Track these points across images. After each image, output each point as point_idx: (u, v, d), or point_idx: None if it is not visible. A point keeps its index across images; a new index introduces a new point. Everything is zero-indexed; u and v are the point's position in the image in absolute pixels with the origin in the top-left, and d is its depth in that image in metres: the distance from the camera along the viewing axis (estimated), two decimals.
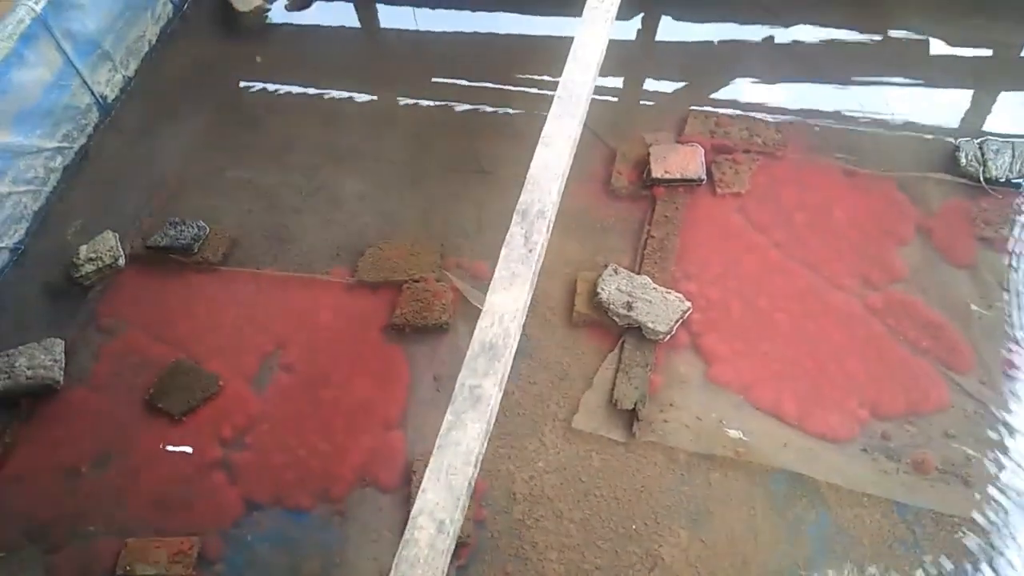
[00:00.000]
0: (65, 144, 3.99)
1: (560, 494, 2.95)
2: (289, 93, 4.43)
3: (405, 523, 2.82)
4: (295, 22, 4.77)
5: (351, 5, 4.88)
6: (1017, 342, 3.15)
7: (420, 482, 2.88)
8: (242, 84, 4.53)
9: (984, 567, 2.71)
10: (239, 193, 3.96)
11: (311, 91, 4.42)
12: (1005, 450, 2.93)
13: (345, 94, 4.40)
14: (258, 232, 3.79)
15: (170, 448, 3.15)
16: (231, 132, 4.26)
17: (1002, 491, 2.85)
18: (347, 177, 3.98)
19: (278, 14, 4.80)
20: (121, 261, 3.66)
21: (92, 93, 4.12)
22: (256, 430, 3.17)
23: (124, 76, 4.36)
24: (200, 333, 3.45)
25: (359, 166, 4.02)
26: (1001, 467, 2.89)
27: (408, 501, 2.93)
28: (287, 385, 3.28)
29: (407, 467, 3.02)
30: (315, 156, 4.08)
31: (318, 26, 4.76)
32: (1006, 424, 2.99)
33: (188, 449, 3.14)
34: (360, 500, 2.99)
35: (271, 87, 4.47)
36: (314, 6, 4.83)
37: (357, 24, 4.83)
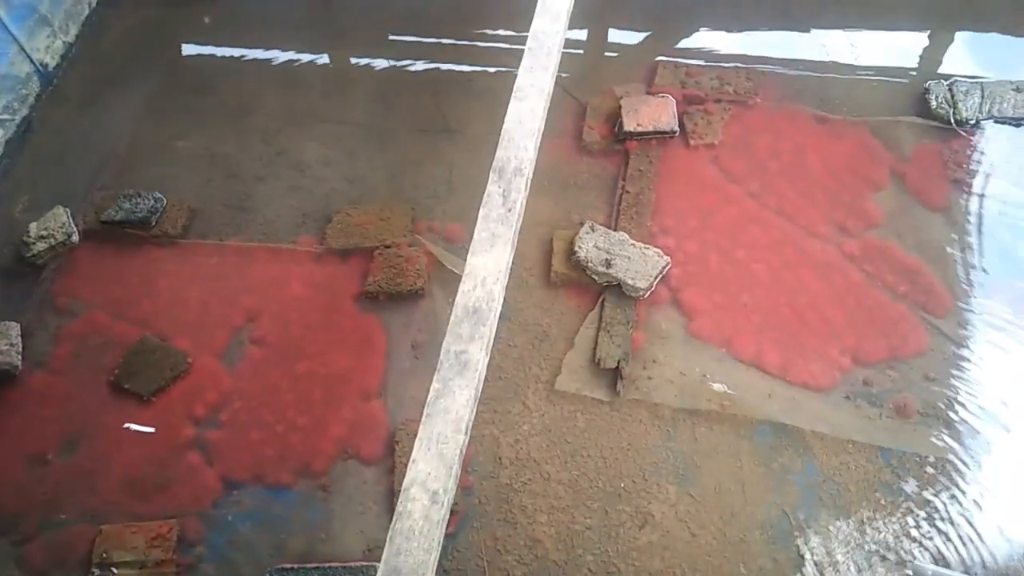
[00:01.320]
0: (6, 116, 3.77)
1: (547, 456, 2.92)
2: (242, 55, 4.24)
3: (390, 494, 2.82)
4: None
5: None
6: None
7: (404, 452, 2.85)
8: (191, 47, 4.32)
9: (965, 507, 2.75)
10: (196, 162, 3.79)
11: (265, 52, 4.23)
12: (984, 390, 2.96)
13: (301, 55, 4.22)
14: (218, 202, 3.63)
15: (140, 430, 3.03)
16: (183, 98, 4.06)
17: (981, 431, 2.88)
18: (309, 141, 3.83)
19: None
20: (75, 237, 3.48)
21: (31, 61, 3.89)
22: (230, 407, 3.07)
23: (64, 42, 4.13)
24: (164, 309, 3.31)
25: (321, 129, 3.88)
26: (980, 407, 2.92)
27: (392, 471, 2.87)
28: (259, 359, 3.17)
29: (389, 437, 2.96)
30: (274, 120, 3.92)
31: None
32: (983, 364, 3.02)
33: (159, 430, 3.02)
34: (343, 473, 2.92)
35: (222, 50, 4.28)
36: None
37: None
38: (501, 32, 4.19)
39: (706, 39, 4.08)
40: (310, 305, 3.28)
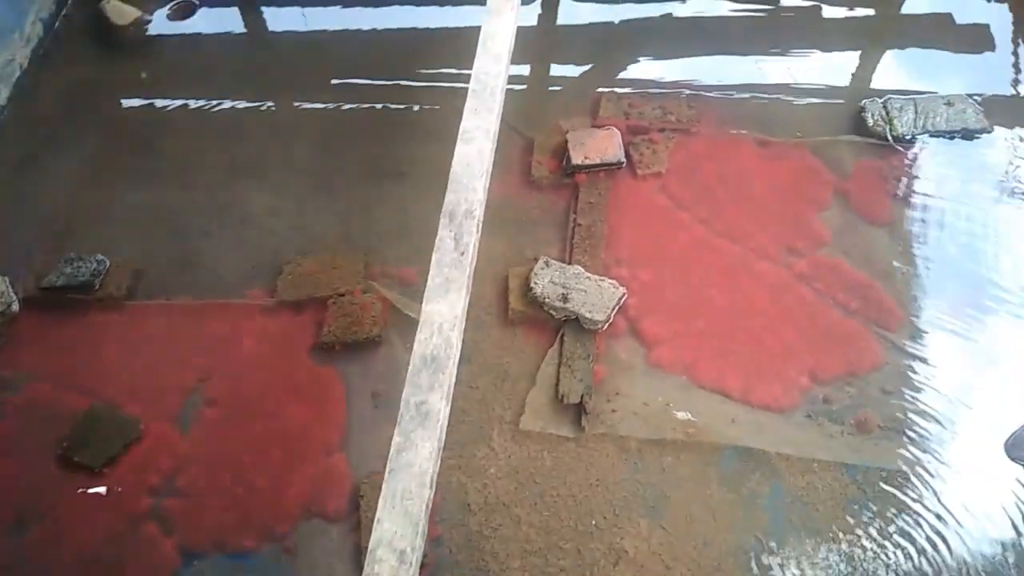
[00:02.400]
0: None
1: (516, 499, 2.87)
2: (181, 108, 4.17)
3: (358, 552, 2.75)
4: (178, 32, 4.50)
5: (236, 11, 4.63)
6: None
7: (369, 506, 2.78)
8: (128, 103, 4.24)
9: (930, 516, 2.77)
10: (139, 220, 3.70)
11: (204, 104, 4.17)
12: (940, 399, 3.01)
13: (242, 104, 4.18)
14: (164, 260, 3.55)
15: (93, 504, 2.91)
16: (122, 155, 3.98)
17: (940, 440, 2.92)
18: (255, 192, 3.77)
19: (159, 25, 4.51)
20: (14, 307, 3.36)
21: None
22: (186, 473, 2.97)
23: None
24: (112, 376, 3.20)
25: (267, 179, 3.82)
26: (938, 416, 2.97)
27: (358, 527, 2.79)
28: (214, 420, 3.08)
29: (354, 491, 2.88)
30: (217, 173, 3.86)
31: (203, 35, 4.49)
32: (938, 374, 3.07)
33: (113, 502, 2.91)
34: (308, 533, 2.83)
35: (160, 103, 4.20)
36: (197, 14, 4.55)
37: (244, 30, 4.59)
38: (445, 71, 4.19)
39: (647, 69, 4.15)
40: (264, 361, 3.21)
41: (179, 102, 4.19)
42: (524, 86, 4.17)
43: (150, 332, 3.32)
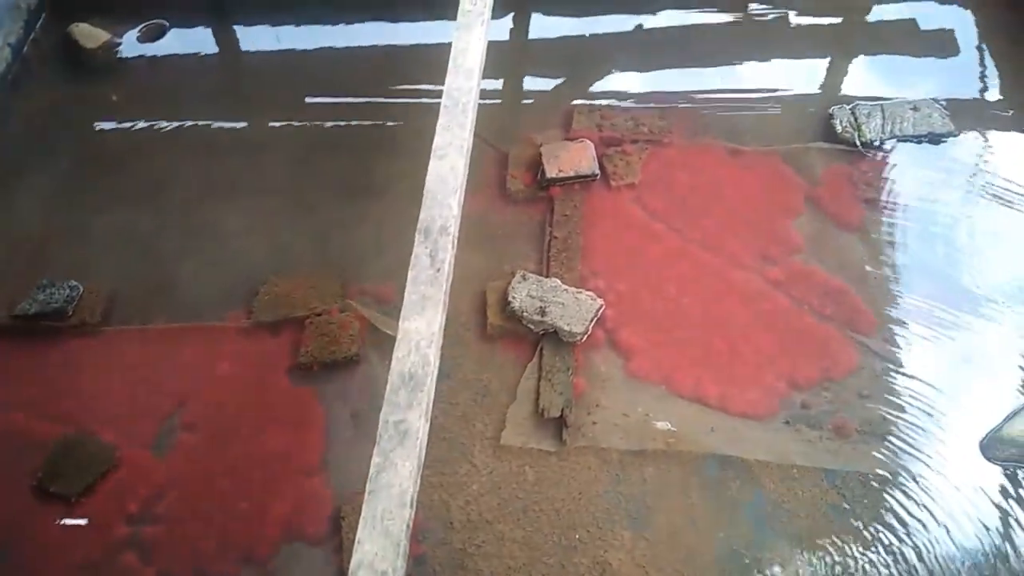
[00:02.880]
0: None
1: (499, 515, 2.86)
2: (154, 130, 4.15)
3: (340, 574, 2.72)
4: (149, 54, 4.47)
5: (208, 31, 4.62)
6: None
7: (351, 527, 2.76)
8: (100, 126, 4.21)
9: (910, 518, 2.80)
10: (112, 244, 3.67)
11: (178, 125, 4.16)
12: (915, 403, 3.04)
13: (215, 124, 4.17)
14: (139, 284, 3.52)
15: (70, 535, 2.87)
16: (95, 179, 3.95)
17: (918, 442, 2.95)
18: (230, 212, 3.75)
19: (129, 47, 4.49)
20: None
21: None
22: (165, 499, 2.93)
23: None
24: (88, 403, 3.17)
25: (241, 199, 3.80)
26: (915, 418, 3.00)
27: (340, 549, 2.77)
28: (192, 445, 3.05)
29: (335, 513, 2.86)
30: (192, 194, 3.83)
31: (175, 56, 4.48)
32: (913, 376, 3.10)
33: (91, 532, 2.87)
34: (289, 557, 2.80)
35: (133, 125, 4.18)
36: (168, 35, 4.53)
37: (217, 50, 4.58)
38: (418, 87, 4.20)
39: (618, 81, 4.18)
40: (242, 383, 3.18)
41: (152, 123, 4.17)
42: (497, 101, 4.19)
43: (125, 358, 3.29)
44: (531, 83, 4.32)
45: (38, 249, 3.67)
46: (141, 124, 4.18)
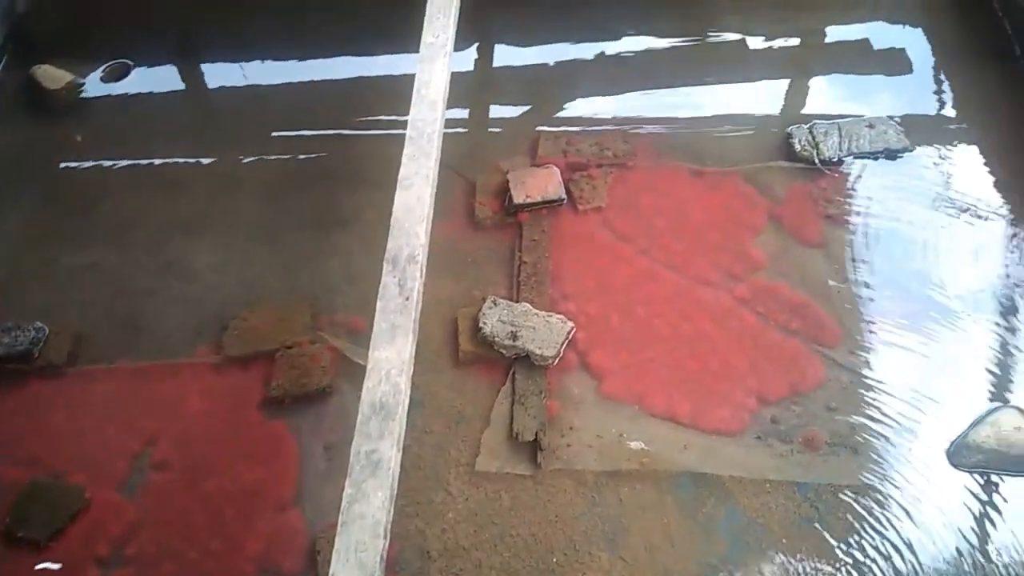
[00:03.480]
0: None
1: (476, 542, 2.86)
2: (120, 168, 4.14)
3: None
4: (114, 93, 4.47)
5: (173, 69, 4.64)
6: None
7: (326, 561, 2.73)
8: (65, 166, 4.19)
9: (882, 527, 2.83)
10: (79, 283, 3.64)
11: (144, 163, 4.15)
12: (882, 413, 3.09)
13: (182, 161, 4.16)
14: (106, 323, 3.49)
15: None
16: (61, 219, 3.92)
17: (886, 452, 2.99)
18: (198, 249, 3.74)
19: (93, 87, 4.48)
20: None
21: None
22: (136, 540, 2.89)
23: None
24: (56, 446, 3.12)
25: (210, 235, 3.80)
26: (882, 430, 3.04)
27: None
28: (164, 484, 3.02)
29: (310, 546, 2.84)
30: (159, 231, 3.82)
31: (140, 94, 4.47)
32: (879, 388, 3.15)
33: None
34: None
35: (98, 165, 4.16)
36: (132, 74, 4.54)
37: (183, 87, 4.59)
38: (384, 119, 4.24)
39: (582, 107, 4.24)
40: (213, 419, 3.16)
41: (118, 162, 4.16)
42: (464, 130, 4.24)
43: (93, 398, 3.26)
44: (497, 111, 4.38)
45: (3, 291, 3.63)
46: (107, 163, 4.17)
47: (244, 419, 3.15)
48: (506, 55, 4.59)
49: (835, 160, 3.82)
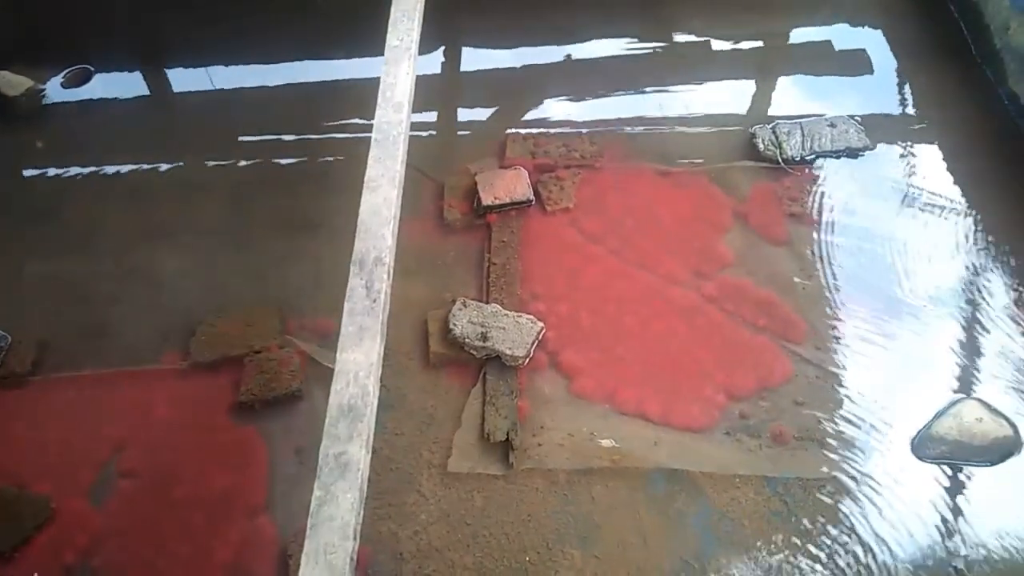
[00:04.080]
0: None
1: (448, 543, 2.85)
2: (82, 175, 4.09)
3: None
4: (76, 99, 4.42)
5: (136, 74, 4.59)
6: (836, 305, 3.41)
7: (298, 565, 2.71)
8: (26, 173, 4.13)
9: (851, 520, 2.87)
10: (41, 292, 3.59)
11: (107, 170, 4.10)
12: (848, 407, 3.14)
13: (146, 167, 4.12)
14: (70, 331, 3.44)
15: None
16: (22, 227, 3.86)
17: (853, 445, 3.04)
18: (164, 255, 3.70)
19: (55, 92, 4.43)
20: None
21: None
22: (103, 549, 2.85)
23: None
24: (20, 455, 3.07)
25: (176, 241, 3.76)
26: (848, 424, 3.09)
27: None
28: (131, 492, 2.98)
29: (282, 553, 2.82)
30: (123, 238, 3.78)
31: (103, 100, 4.43)
32: (845, 382, 3.20)
33: None
34: None
35: (60, 172, 4.11)
36: (94, 79, 4.49)
37: (147, 92, 4.54)
38: (350, 122, 4.23)
39: (549, 109, 4.27)
40: (181, 426, 3.12)
41: (80, 169, 4.11)
42: (432, 132, 4.24)
43: (58, 406, 3.21)
44: (464, 114, 4.39)
45: None
46: (70, 170, 4.11)
47: (213, 424, 3.12)
48: (473, 58, 4.60)
49: (798, 159, 3.88)
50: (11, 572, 2.81)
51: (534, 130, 4.12)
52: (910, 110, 4.22)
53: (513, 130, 4.11)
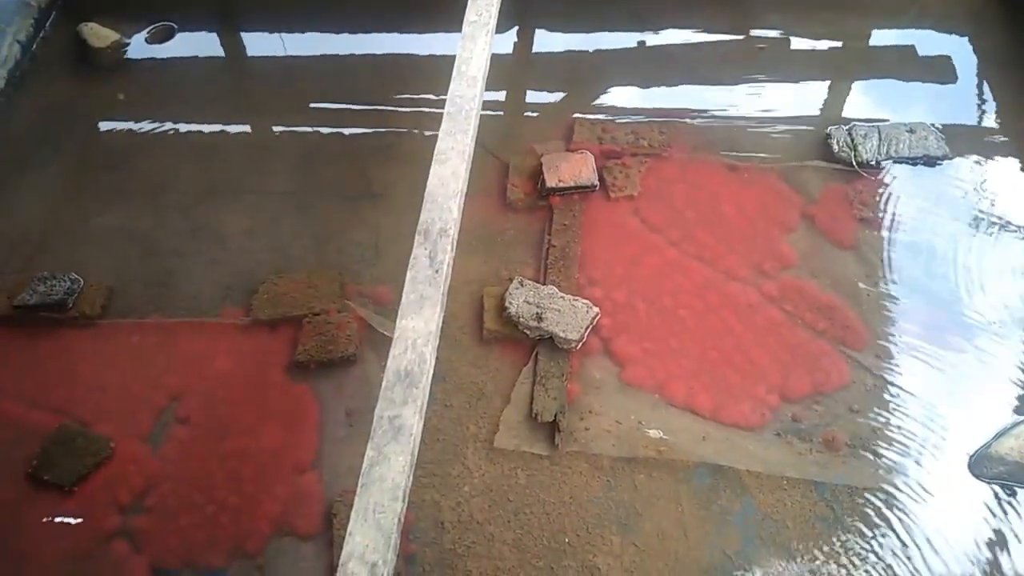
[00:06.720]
0: None
1: (489, 517, 2.88)
2: (157, 130, 4.19)
3: (330, 569, 2.74)
4: (157, 56, 4.53)
5: (214, 35, 4.68)
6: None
7: (342, 524, 2.77)
8: (105, 125, 4.25)
9: (897, 534, 2.81)
10: (112, 240, 3.70)
11: (181, 126, 4.20)
12: (905, 418, 3.07)
13: (218, 127, 4.20)
14: (138, 280, 3.54)
15: (63, 522, 2.87)
16: (97, 176, 3.98)
17: (907, 458, 2.98)
18: (230, 213, 3.78)
19: (137, 48, 4.54)
20: None
21: None
22: (157, 491, 2.94)
23: None
24: (84, 394, 3.18)
25: (242, 200, 3.84)
26: (904, 436, 3.02)
27: (331, 546, 2.79)
28: (186, 439, 3.07)
29: (326, 510, 2.87)
30: (192, 194, 3.87)
31: (182, 58, 4.53)
32: (903, 393, 3.13)
33: (83, 521, 2.88)
34: (279, 551, 2.81)
35: (137, 125, 4.22)
36: (176, 38, 4.59)
37: (222, 54, 4.63)
38: (420, 96, 4.25)
39: (619, 96, 4.23)
40: (238, 379, 3.20)
41: (155, 124, 4.21)
42: (500, 112, 4.24)
43: (122, 351, 3.31)
44: (534, 96, 4.38)
45: (39, 243, 3.70)
46: (145, 124, 4.22)
47: (269, 381, 3.19)
48: (546, 40, 4.58)
49: (873, 163, 3.79)
50: (70, 506, 2.93)
51: (603, 116, 4.09)
52: (992, 122, 4.07)
53: (581, 115, 4.09)
